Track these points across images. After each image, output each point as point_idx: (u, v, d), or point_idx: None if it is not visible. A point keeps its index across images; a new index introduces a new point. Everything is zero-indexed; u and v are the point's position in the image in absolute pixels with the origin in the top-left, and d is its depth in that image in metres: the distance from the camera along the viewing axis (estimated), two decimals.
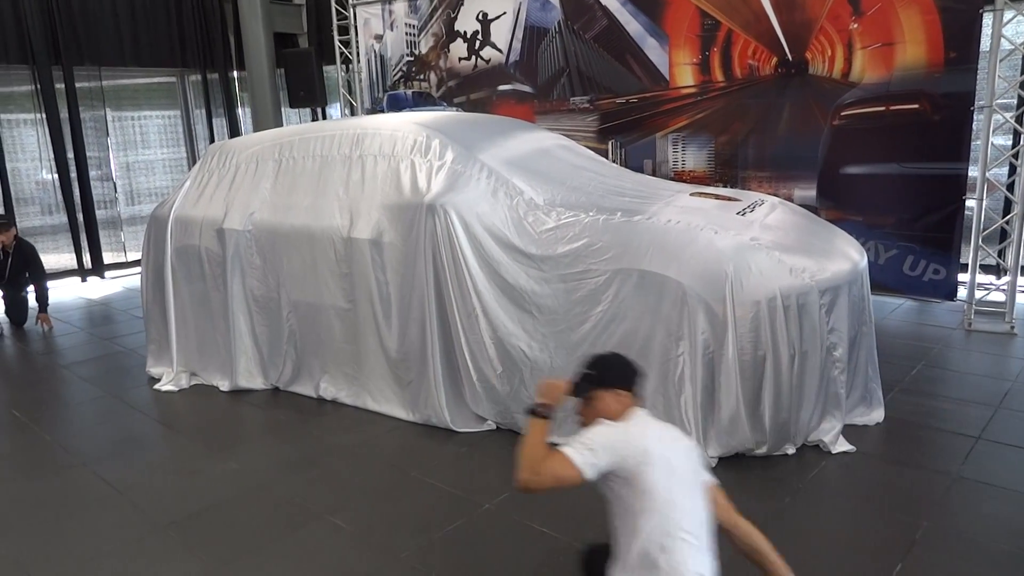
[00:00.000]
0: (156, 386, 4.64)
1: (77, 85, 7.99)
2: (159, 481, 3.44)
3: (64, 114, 7.92)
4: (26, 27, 7.49)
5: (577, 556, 2.33)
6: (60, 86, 7.85)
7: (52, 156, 7.88)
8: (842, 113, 5.38)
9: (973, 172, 5.06)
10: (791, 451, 3.34)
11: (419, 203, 3.73)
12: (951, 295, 5.22)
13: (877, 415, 3.69)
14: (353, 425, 3.92)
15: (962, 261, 5.18)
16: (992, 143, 4.97)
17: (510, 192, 3.83)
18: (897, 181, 5.24)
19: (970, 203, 5.05)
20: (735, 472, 3.22)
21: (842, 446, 3.38)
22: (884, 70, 5.16)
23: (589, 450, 1.92)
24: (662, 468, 1.94)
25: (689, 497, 1.98)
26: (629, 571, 1.93)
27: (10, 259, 6.16)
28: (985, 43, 4.85)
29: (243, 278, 4.37)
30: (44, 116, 7.77)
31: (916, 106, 5.08)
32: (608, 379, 2.12)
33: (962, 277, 5.22)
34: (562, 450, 1.93)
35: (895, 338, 4.93)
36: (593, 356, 2.25)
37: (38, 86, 7.68)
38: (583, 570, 2.26)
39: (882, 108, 5.21)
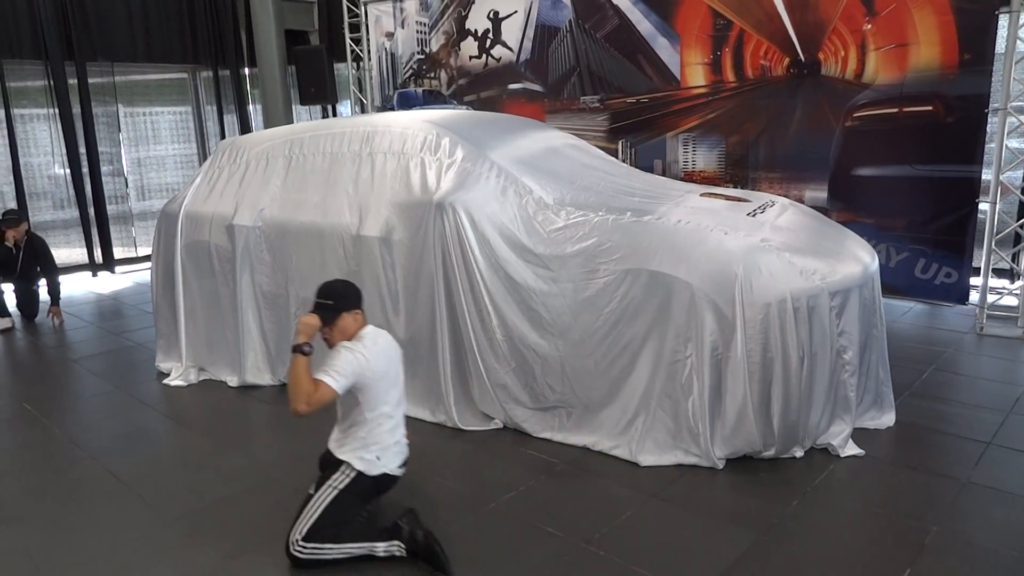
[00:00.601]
0: (165, 381, 4.67)
1: (90, 81, 8.05)
2: (167, 475, 3.45)
3: (77, 109, 7.97)
4: (40, 23, 7.54)
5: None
6: (73, 82, 7.91)
7: (64, 151, 7.93)
8: (854, 114, 5.34)
9: (987, 175, 5.02)
10: (799, 454, 3.32)
11: (428, 201, 3.73)
12: (963, 299, 5.18)
13: (887, 419, 3.67)
14: None
15: (975, 265, 5.14)
16: (1006, 146, 4.93)
17: (520, 191, 3.83)
18: (909, 183, 5.20)
19: (983, 206, 5.01)
20: (743, 474, 3.21)
21: (851, 450, 3.36)
22: (898, 71, 5.12)
23: (341, 375, 2.59)
24: (389, 380, 2.75)
25: (397, 389, 2.82)
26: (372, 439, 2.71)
27: (22, 253, 6.21)
28: (1000, 45, 4.81)
29: (252, 274, 4.39)
30: (57, 111, 7.83)
31: (930, 108, 5.04)
32: (345, 304, 2.73)
33: (974, 281, 5.18)
34: (321, 379, 2.56)
35: (906, 342, 4.89)
36: (324, 287, 2.79)
37: (51, 82, 7.73)
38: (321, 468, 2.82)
39: (895, 110, 5.17)
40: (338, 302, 2.73)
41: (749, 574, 2.56)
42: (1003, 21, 4.80)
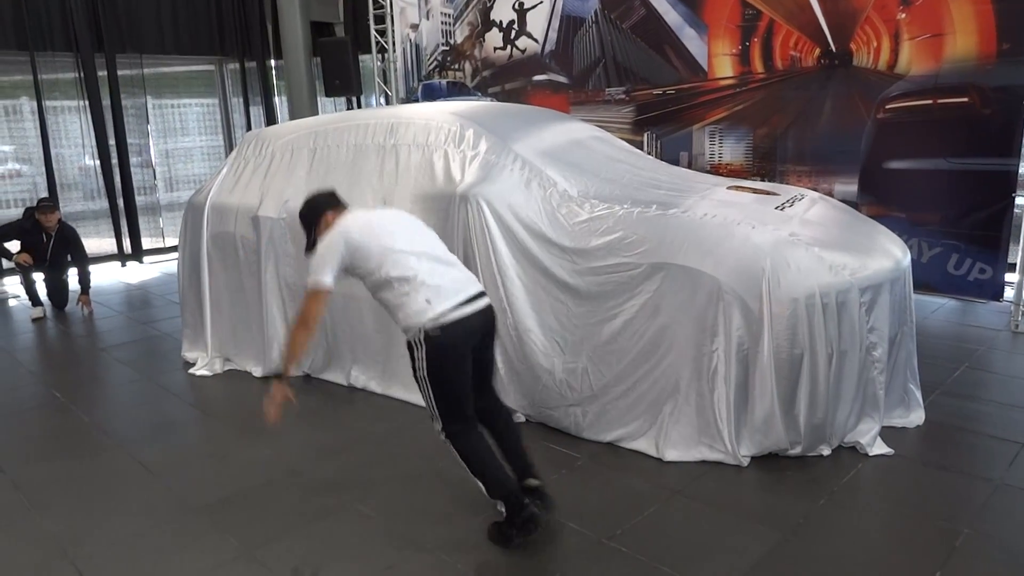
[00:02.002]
0: (191, 370, 4.72)
1: (119, 73, 8.15)
2: (192, 464, 3.49)
3: (106, 101, 8.08)
4: (71, 15, 7.64)
5: None
6: (103, 74, 8.01)
7: (94, 143, 8.05)
8: (887, 106, 5.23)
9: None
10: (827, 452, 3.26)
11: (452, 193, 3.71)
12: (997, 295, 5.05)
13: (917, 417, 3.59)
14: (383, 414, 3.94)
15: (1010, 260, 5.01)
16: None
17: (544, 183, 3.80)
18: (943, 177, 5.08)
19: (1020, 200, 4.88)
20: (768, 472, 3.16)
21: (880, 448, 3.29)
22: (932, 62, 5.00)
23: (318, 271, 2.55)
24: (378, 245, 2.58)
25: (401, 247, 2.62)
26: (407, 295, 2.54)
27: (52, 242, 6.31)
28: None
29: (277, 265, 4.41)
30: (87, 103, 7.94)
31: (965, 99, 4.91)
32: (314, 216, 2.78)
33: (1009, 277, 5.05)
34: (308, 289, 2.57)
35: (937, 339, 4.79)
36: (303, 205, 2.85)
37: (81, 73, 7.84)
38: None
39: (929, 101, 5.05)
40: (307, 219, 2.80)
41: (774, 573, 2.52)
42: None
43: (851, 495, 3.00)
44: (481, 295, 2.65)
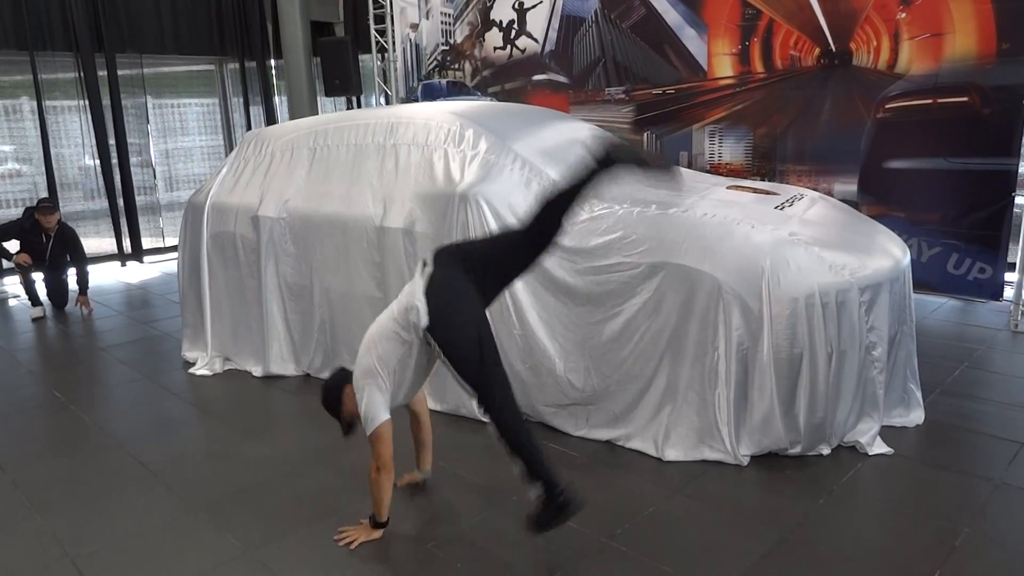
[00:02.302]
0: (191, 370, 4.72)
1: (119, 73, 8.15)
2: (192, 463, 3.49)
3: (106, 101, 8.08)
4: (70, 15, 7.65)
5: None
6: (103, 73, 8.01)
7: (94, 142, 8.05)
8: (887, 106, 5.23)
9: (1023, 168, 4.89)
10: (826, 452, 3.27)
11: (452, 193, 3.72)
12: (997, 295, 5.05)
13: (916, 417, 3.59)
14: None
15: (1009, 260, 5.01)
16: None
17: (544, 183, 3.79)
18: (943, 176, 5.08)
19: (1020, 200, 4.88)
20: (768, 471, 3.16)
21: (879, 448, 3.29)
22: (932, 61, 5.00)
23: (374, 413, 2.64)
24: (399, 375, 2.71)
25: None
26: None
27: (52, 242, 6.31)
28: None
29: (277, 265, 4.41)
30: (87, 103, 7.94)
31: (965, 99, 4.91)
32: (334, 405, 2.85)
33: (1009, 276, 5.05)
34: (373, 437, 2.66)
35: (937, 338, 4.79)
36: (324, 391, 2.89)
37: (81, 73, 7.84)
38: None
39: (929, 101, 5.05)
40: (331, 406, 2.86)
41: (774, 573, 2.52)
42: None
43: (851, 494, 3.00)
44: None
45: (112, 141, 8.16)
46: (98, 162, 8.12)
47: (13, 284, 7.09)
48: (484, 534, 2.79)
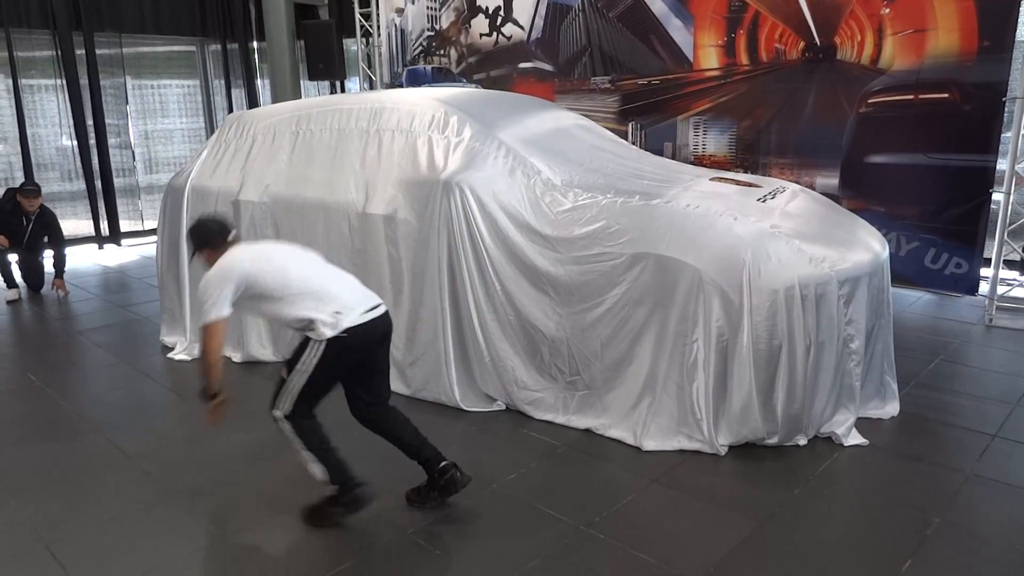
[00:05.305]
0: (169, 355, 4.68)
1: (97, 52, 8.01)
2: (171, 448, 3.47)
3: (84, 80, 7.94)
4: None
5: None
6: (80, 52, 7.87)
7: (72, 123, 7.92)
8: (869, 101, 5.27)
9: (1001, 165, 4.95)
10: (803, 442, 3.31)
11: (435, 180, 3.70)
12: (973, 290, 5.13)
13: (892, 409, 3.65)
14: None
15: (985, 255, 5.08)
16: (1023, 135, 4.85)
17: (528, 171, 3.79)
18: (922, 172, 5.13)
19: (997, 196, 4.95)
20: (745, 461, 3.20)
21: (855, 439, 3.34)
22: (914, 57, 5.04)
23: (212, 304, 2.63)
24: (271, 270, 2.71)
25: (306, 258, 2.87)
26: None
27: (31, 225, 6.21)
28: (1021, 32, 4.72)
29: None
30: (64, 82, 7.79)
31: (946, 95, 4.96)
32: (200, 245, 2.88)
33: (985, 272, 5.13)
34: (203, 324, 2.66)
35: (913, 331, 4.86)
36: (193, 225, 2.96)
37: (59, 52, 7.69)
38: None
39: (911, 96, 5.10)
40: (193, 245, 2.93)
41: (749, 561, 2.56)
42: None
43: (826, 484, 3.04)
44: (379, 305, 2.82)
45: (90, 122, 8.03)
46: (76, 143, 7.99)
47: None
48: (465, 522, 2.79)
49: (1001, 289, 5.13)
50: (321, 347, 2.65)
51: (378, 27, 8.23)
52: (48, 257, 6.42)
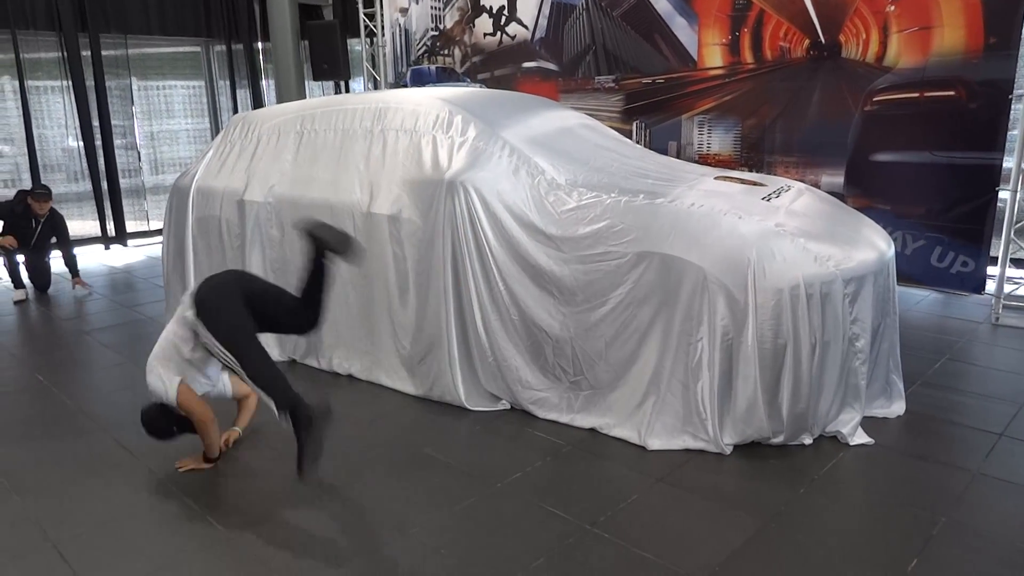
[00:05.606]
0: None
1: (103, 53, 8.04)
2: (174, 448, 3.47)
3: (90, 82, 7.98)
4: None
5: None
6: (86, 54, 7.91)
7: (78, 124, 7.95)
8: (874, 99, 5.25)
9: (1008, 163, 4.93)
10: (808, 441, 3.30)
11: (440, 180, 3.70)
12: (979, 288, 5.11)
13: (898, 408, 3.63)
14: (366, 400, 3.94)
15: (992, 254, 5.06)
16: None
17: (532, 171, 3.79)
18: (928, 170, 5.11)
19: (1003, 194, 4.92)
20: (750, 460, 3.19)
21: (860, 438, 3.33)
22: (920, 55, 5.02)
23: (168, 385, 3.10)
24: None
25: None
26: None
27: (40, 227, 6.25)
28: None
29: (262, 250, 4.38)
30: (71, 83, 7.83)
31: (952, 93, 4.94)
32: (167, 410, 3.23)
33: (991, 270, 5.11)
34: (181, 401, 3.11)
35: (919, 330, 4.84)
36: (151, 419, 3.25)
37: (65, 53, 7.73)
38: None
39: (916, 94, 5.08)
40: (177, 425, 3.29)
41: (754, 560, 2.55)
42: None
43: (831, 484, 3.03)
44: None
45: (96, 123, 8.06)
46: (82, 144, 8.02)
47: None
48: (468, 520, 2.79)
49: (1008, 287, 5.11)
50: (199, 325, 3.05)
51: (382, 27, 8.24)
52: (56, 258, 6.45)
